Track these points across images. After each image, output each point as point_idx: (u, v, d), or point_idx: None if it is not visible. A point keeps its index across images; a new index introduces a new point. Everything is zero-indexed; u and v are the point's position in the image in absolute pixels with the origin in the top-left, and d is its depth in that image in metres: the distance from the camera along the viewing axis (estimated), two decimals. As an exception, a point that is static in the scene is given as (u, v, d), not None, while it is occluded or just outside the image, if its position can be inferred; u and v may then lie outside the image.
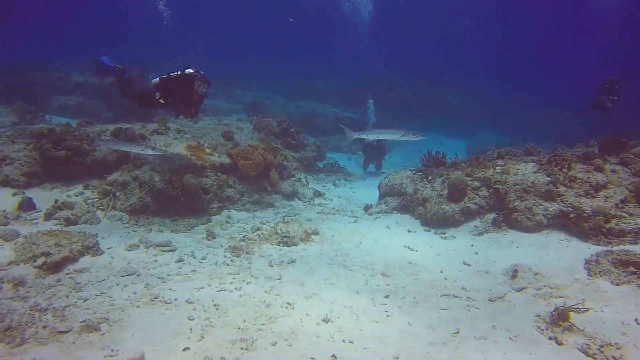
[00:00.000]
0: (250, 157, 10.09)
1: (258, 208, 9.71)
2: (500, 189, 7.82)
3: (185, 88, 7.96)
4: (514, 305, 5.44)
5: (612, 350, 4.44)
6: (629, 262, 5.72)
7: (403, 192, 9.26)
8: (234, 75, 29.51)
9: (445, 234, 7.85)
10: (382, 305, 5.44)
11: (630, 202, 7.06)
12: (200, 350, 4.25)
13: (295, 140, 14.25)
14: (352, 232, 8.11)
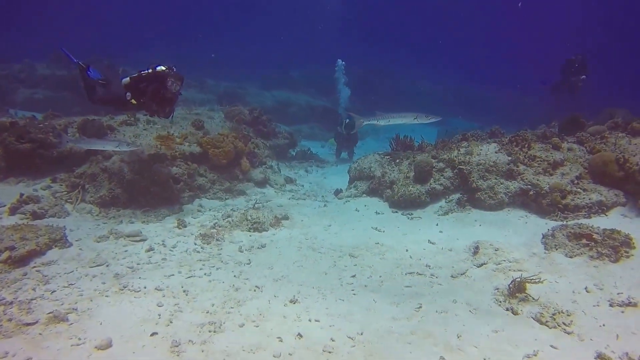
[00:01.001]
0: (221, 145, 10.07)
1: (230, 196, 9.73)
2: (464, 170, 8.06)
3: (157, 87, 7.56)
4: (474, 280, 5.68)
5: (563, 317, 4.70)
6: (582, 235, 6.01)
7: (372, 176, 9.43)
8: (208, 65, 29.18)
9: (412, 214, 8.06)
10: (348, 285, 5.60)
11: (585, 179, 7.38)
12: (169, 334, 4.31)
13: (267, 128, 14.26)
14: (321, 216, 8.25)
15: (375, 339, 4.38)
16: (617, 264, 5.62)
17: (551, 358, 4.06)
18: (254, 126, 13.79)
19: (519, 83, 32.85)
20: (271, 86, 27.59)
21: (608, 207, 7.00)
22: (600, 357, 4.06)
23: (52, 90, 18.33)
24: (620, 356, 4.07)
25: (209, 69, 28.33)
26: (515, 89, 31.73)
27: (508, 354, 4.13)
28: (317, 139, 19.89)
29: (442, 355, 4.08)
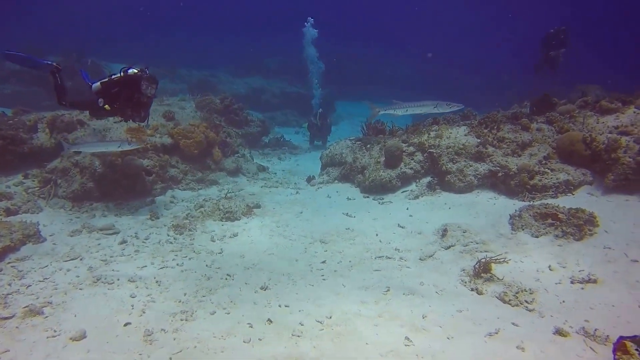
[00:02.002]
0: (192, 135, 9.99)
1: (202, 186, 9.68)
2: (434, 153, 8.12)
3: (131, 90, 7.18)
4: (442, 262, 5.76)
5: (526, 295, 4.82)
6: (548, 215, 6.13)
7: (343, 162, 9.45)
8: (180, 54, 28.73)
9: (383, 199, 8.11)
10: (318, 270, 5.64)
11: (553, 158, 7.50)
12: (141, 324, 4.33)
13: (238, 116, 14.15)
14: (293, 204, 8.26)
15: (343, 322, 4.43)
16: (580, 242, 5.76)
17: (512, 335, 4.15)
18: (225, 115, 13.67)
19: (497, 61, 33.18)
20: (245, 74, 27.31)
21: (575, 186, 7.14)
22: (559, 332, 4.18)
23: (21, 85, 17.84)
24: (577, 330, 4.20)
25: (182, 58, 27.92)
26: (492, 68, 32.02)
27: (471, 332, 4.22)
28: (291, 125, 19.83)
29: (407, 336, 4.14)
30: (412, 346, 4.01)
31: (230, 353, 3.85)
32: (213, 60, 30.40)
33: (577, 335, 4.15)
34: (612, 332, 3.94)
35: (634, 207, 6.33)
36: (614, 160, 6.77)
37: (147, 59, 26.00)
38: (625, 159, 6.66)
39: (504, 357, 3.84)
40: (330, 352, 3.91)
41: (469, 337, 4.15)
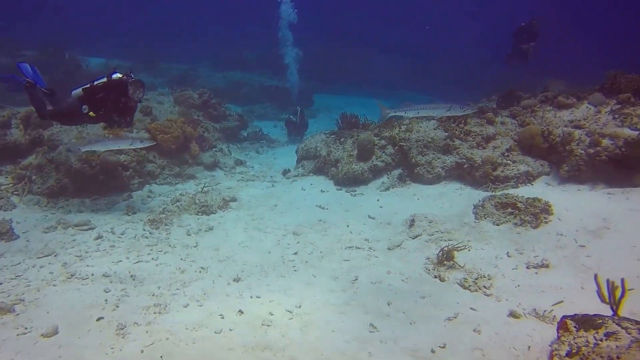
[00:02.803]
0: (169, 130, 10.08)
1: (180, 180, 9.78)
2: (404, 146, 8.40)
3: (118, 95, 6.98)
4: (408, 251, 6.06)
5: (485, 281, 5.14)
6: (508, 204, 6.48)
7: (318, 155, 9.67)
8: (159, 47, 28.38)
9: (356, 191, 8.37)
10: (290, 262, 5.87)
11: (515, 151, 7.86)
12: (114, 318, 4.46)
13: (217, 111, 14.22)
14: (268, 197, 8.45)
15: (311, 311, 4.68)
16: (537, 229, 6.12)
17: (469, 319, 4.46)
18: (203, 110, 13.72)
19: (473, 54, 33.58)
20: (224, 67, 27.15)
21: (534, 176, 7.51)
22: (512, 314, 4.51)
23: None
24: (529, 312, 4.54)
25: (162, 51, 27.58)
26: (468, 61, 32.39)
27: (431, 317, 4.51)
28: (270, 118, 19.87)
29: (371, 322, 4.41)
30: (376, 332, 4.27)
31: (202, 344, 4.05)
32: (193, 53, 30.06)
33: (529, 317, 4.49)
34: (559, 312, 4.25)
35: (584, 195, 6.73)
36: (569, 152, 7.16)
37: (127, 52, 25.74)
38: (578, 151, 7.05)
39: (461, 340, 4.13)
40: (297, 340, 4.15)
41: (430, 321, 4.44)
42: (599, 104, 7.68)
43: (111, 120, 7.22)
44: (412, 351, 3.98)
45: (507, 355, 3.93)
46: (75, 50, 19.83)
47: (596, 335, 3.45)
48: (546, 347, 3.95)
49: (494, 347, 4.03)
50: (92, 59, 22.70)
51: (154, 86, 21.08)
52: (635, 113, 7.07)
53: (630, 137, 6.54)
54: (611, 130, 6.80)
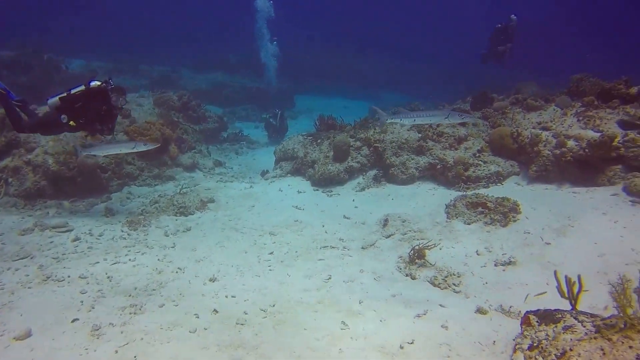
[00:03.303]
0: (148, 133, 10.09)
1: (159, 182, 9.80)
2: (379, 147, 8.56)
3: (99, 104, 6.82)
4: (382, 250, 6.19)
5: (454, 278, 5.30)
6: (478, 204, 6.66)
7: (295, 156, 9.78)
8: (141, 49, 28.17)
9: (332, 192, 8.50)
10: (265, 262, 5.95)
11: (486, 151, 8.09)
12: (90, 319, 4.47)
13: (196, 113, 14.25)
14: (246, 197, 8.52)
15: (285, 309, 4.76)
16: (506, 228, 6.31)
17: (438, 315, 4.59)
18: (183, 112, 13.73)
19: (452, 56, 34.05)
20: (207, 69, 27.10)
21: (504, 176, 7.75)
22: (479, 310, 4.66)
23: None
24: (495, 308, 4.70)
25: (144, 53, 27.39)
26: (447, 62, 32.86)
27: (402, 314, 4.63)
28: (252, 120, 19.95)
29: (343, 320, 4.51)
30: (347, 329, 4.38)
31: (176, 343, 4.10)
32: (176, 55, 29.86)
33: (495, 313, 4.65)
34: (524, 308, 4.42)
35: (551, 194, 6.97)
36: (537, 153, 7.41)
37: (108, 54, 25.46)
38: (545, 152, 7.30)
39: (429, 336, 4.26)
40: (270, 338, 4.23)
41: (400, 318, 4.56)
42: (565, 107, 7.95)
43: (93, 129, 7.07)
44: (381, 347, 4.09)
45: (473, 350, 4.07)
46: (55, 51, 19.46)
47: (555, 328, 3.62)
48: (510, 341, 4.10)
49: (461, 342, 4.16)
50: (73, 60, 22.39)
51: (135, 88, 20.89)
52: (597, 115, 7.34)
53: (592, 139, 6.80)
54: (576, 132, 7.06)
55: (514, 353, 3.76)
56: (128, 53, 26.61)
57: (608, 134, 6.69)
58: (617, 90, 7.74)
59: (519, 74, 16.59)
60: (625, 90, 7.69)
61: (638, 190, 6.26)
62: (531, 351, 3.59)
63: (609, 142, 6.66)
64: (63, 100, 6.80)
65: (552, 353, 3.30)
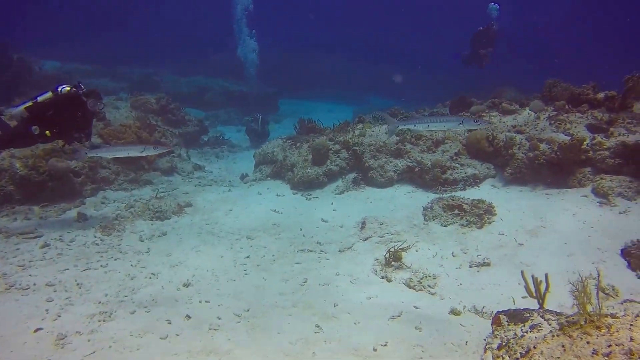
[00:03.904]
0: (123, 136, 9.99)
1: (135, 186, 9.65)
2: (357, 151, 8.59)
3: (73, 110, 6.47)
4: (359, 253, 6.21)
5: (430, 280, 5.34)
6: (455, 206, 6.73)
7: (275, 160, 9.78)
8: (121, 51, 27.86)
9: (311, 195, 8.51)
10: (242, 266, 5.92)
11: (463, 154, 8.18)
12: (55, 328, 4.36)
13: (175, 116, 14.09)
14: (224, 201, 8.47)
15: (260, 313, 4.74)
16: (481, 229, 6.39)
17: (412, 317, 4.62)
18: (162, 115, 13.57)
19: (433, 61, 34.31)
20: (188, 72, 26.92)
21: (481, 179, 7.84)
22: (453, 311, 4.71)
23: None
24: (469, 309, 4.75)
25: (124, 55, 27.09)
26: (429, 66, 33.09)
27: (376, 316, 4.65)
28: (234, 123, 19.86)
29: (317, 324, 4.51)
30: (321, 333, 4.38)
31: (146, 350, 4.04)
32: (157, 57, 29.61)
33: (469, 313, 4.70)
34: (496, 308, 4.45)
35: (525, 196, 7.08)
36: (511, 155, 7.52)
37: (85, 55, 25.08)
38: (519, 155, 7.42)
39: (403, 338, 4.28)
40: (243, 343, 4.20)
41: (374, 321, 4.58)
42: (539, 111, 8.09)
43: (70, 138, 6.78)
44: (355, 350, 4.10)
45: (445, 351, 4.10)
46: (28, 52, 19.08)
47: (523, 328, 3.67)
48: (482, 341, 4.13)
49: (434, 343, 4.19)
50: (46, 62, 22.01)
51: (115, 90, 20.64)
52: (568, 119, 7.50)
53: (563, 142, 6.94)
54: (548, 136, 7.19)
55: (484, 353, 3.79)
56: (106, 55, 26.25)
57: (577, 137, 6.84)
58: (585, 95, 7.93)
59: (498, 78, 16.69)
60: (593, 96, 7.89)
61: (605, 192, 6.42)
62: (499, 350, 3.63)
63: (578, 145, 6.80)
64: (30, 110, 6.35)
65: (518, 352, 3.34)
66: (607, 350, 2.66)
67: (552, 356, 3.04)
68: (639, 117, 7.34)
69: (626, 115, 7.42)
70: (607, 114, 7.58)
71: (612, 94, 7.81)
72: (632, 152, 6.63)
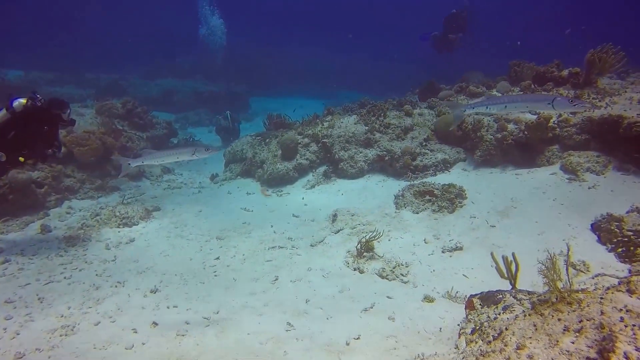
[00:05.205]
0: (86, 143, 9.61)
1: (103, 194, 9.34)
2: (327, 143, 8.46)
3: (39, 125, 5.87)
4: (330, 246, 6.09)
5: (402, 268, 5.26)
6: (425, 192, 6.67)
7: (244, 158, 9.59)
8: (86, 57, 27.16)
9: (282, 191, 8.36)
10: (211, 267, 5.76)
11: (432, 140, 8.13)
12: (12, 347, 4.14)
13: (142, 119, 13.71)
14: (193, 203, 8.26)
15: (229, 315, 4.60)
16: (453, 214, 6.34)
17: (385, 307, 4.54)
18: (128, 119, 13.18)
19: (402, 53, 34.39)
20: (157, 75, 26.44)
21: (451, 163, 7.80)
22: (426, 299, 4.64)
23: None
24: (442, 295, 4.69)
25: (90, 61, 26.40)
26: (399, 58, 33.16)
27: (348, 310, 4.55)
28: (205, 124, 19.55)
29: (289, 321, 4.39)
30: (292, 330, 4.26)
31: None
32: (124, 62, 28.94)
33: (442, 299, 4.64)
34: (470, 292, 4.39)
35: (495, 178, 7.06)
36: (480, 138, 7.49)
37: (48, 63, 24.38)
38: (487, 137, 7.39)
39: (376, 329, 4.19)
40: (212, 347, 4.05)
41: (347, 314, 4.48)
42: (505, 91, 8.07)
43: (44, 155, 6.21)
44: (327, 346, 3.99)
45: (419, 339, 4.03)
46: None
47: (496, 310, 3.61)
48: (456, 327, 4.06)
49: (407, 333, 4.12)
50: (9, 71, 21.31)
51: (81, 98, 20.01)
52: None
53: (530, 121, 6.93)
54: (514, 116, 7.17)
55: (458, 338, 3.72)
56: (71, 61, 25.55)
57: (543, 115, 6.83)
58: (550, 74, 7.94)
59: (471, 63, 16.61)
60: (557, 73, 7.91)
61: (573, 168, 6.43)
62: (473, 335, 3.55)
63: (544, 124, 6.80)
64: None
65: (490, 334, 3.27)
66: (578, 326, 2.60)
67: (524, 336, 2.97)
68: (603, 92, 7.39)
69: (591, 90, 7.46)
70: (572, 90, 7.61)
71: (575, 70, 7.85)
72: (598, 126, 6.65)
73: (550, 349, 2.60)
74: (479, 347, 3.19)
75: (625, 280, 2.97)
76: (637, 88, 7.42)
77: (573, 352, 2.40)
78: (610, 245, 5.03)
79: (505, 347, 2.91)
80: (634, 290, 2.84)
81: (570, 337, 2.59)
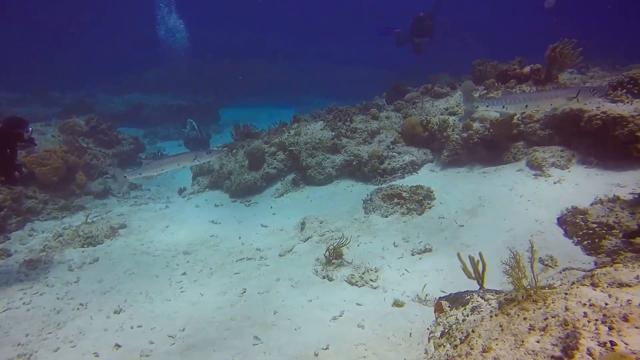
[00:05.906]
0: (48, 162, 9.30)
1: (67, 213, 9.03)
2: (294, 151, 8.35)
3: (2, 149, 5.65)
4: (299, 255, 5.97)
5: (372, 274, 5.16)
6: (394, 195, 6.61)
7: (211, 170, 9.41)
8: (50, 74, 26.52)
9: (250, 201, 8.20)
10: (177, 283, 5.57)
11: (399, 142, 8.10)
12: (-38, 383, 3.94)
13: (107, 136, 13.40)
14: (160, 219, 8.04)
15: (195, 332, 4.44)
16: (422, 215, 6.30)
17: (354, 315, 4.43)
18: (93, 136, 12.88)
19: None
20: (123, 90, 25.96)
21: (419, 165, 7.78)
22: (396, 303, 4.55)
23: None
24: (412, 299, 4.61)
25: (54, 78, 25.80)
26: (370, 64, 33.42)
27: (317, 319, 4.43)
28: (174, 138, 19.26)
29: (256, 335, 4.24)
30: (260, 344, 4.12)
31: (64, 390, 3.67)
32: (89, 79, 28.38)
33: (412, 303, 4.56)
34: (440, 294, 4.34)
35: (463, 177, 7.06)
36: (446, 138, 7.49)
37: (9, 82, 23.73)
38: (453, 137, 7.40)
39: (345, 338, 4.08)
40: (176, 366, 3.89)
41: (315, 324, 4.36)
42: (469, 91, 8.10)
43: (12, 178, 5.96)
44: (295, 357, 3.88)
45: (389, 346, 3.94)
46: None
47: (464, 311, 3.54)
48: (426, 330, 3.98)
49: (377, 339, 4.03)
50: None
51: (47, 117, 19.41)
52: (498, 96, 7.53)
53: (494, 119, 6.96)
54: (479, 115, 7.19)
55: (428, 342, 3.63)
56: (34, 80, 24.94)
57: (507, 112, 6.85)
58: (512, 71, 8.02)
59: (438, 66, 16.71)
60: (519, 70, 7.98)
61: (539, 164, 6.46)
62: (441, 338, 3.48)
63: (509, 120, 6.83)
64: None
65: (458, 337, 3.20)
66: (543, 324, 2.55)
67: (490, 338, 2.91)
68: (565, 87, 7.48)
69: (553, 86, 7.55)
70: (534, 86, 7.69)
71: (537, 67, 7.94)
72: (560, 121, 6.71)
73: (516, 349, 2.54)
74: (446, 352, 3.12)
75: (589, 274, 2.94)
76: (597, 82, 7.54)
77: (538, 351, 2.35)
78: (577, 238, 5.04)
79: (471, 351, 2.85)
80: (597, 283, 2.81)
81: (535, 336, 2.54)
